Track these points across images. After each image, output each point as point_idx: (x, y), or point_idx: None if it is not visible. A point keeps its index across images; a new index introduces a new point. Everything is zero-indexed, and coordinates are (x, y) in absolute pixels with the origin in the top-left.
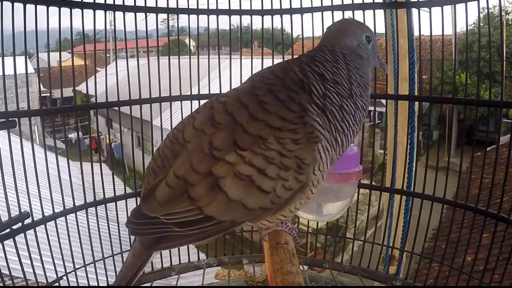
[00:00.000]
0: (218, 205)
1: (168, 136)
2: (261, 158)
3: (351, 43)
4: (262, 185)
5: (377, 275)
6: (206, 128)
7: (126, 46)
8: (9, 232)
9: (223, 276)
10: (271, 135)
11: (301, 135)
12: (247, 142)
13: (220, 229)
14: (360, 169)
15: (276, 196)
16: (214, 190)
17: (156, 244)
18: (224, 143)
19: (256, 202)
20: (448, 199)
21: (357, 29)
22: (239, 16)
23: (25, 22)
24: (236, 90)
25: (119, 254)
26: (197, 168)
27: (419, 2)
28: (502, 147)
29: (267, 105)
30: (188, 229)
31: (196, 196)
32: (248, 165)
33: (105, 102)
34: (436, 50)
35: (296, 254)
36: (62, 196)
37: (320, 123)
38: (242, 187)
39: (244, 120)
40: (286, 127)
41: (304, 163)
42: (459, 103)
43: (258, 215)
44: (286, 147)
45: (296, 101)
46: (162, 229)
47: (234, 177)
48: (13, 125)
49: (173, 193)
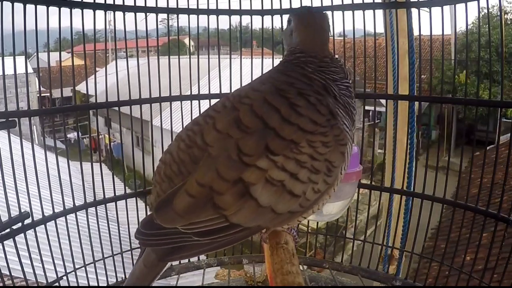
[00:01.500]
0: (247, 213)
1: (181, 138)
2: (294, 163)
3: (290, 40)
4: (294, 190)
5: (377, 275)
6: (232, 131)
7: (126, 46)
8: (9, 232)
9: (223, 276)
10: (303, 139)
11: (330, 138)
12: (280, 146)
13: (243, 236)
14: (360, 169)
15: (305, 199)
16: (244, 198)
17: (172, 254)
18: (254, 148)
19: (286, 206)
20: (448, 199)
21: (288, 23)
22: (239, 16)
23: (25, 22)
24: (257, 90)
25: (119, 254)
26: (225, 175)
27: (419, 2)
28: (502, 147)
29: (299, 108)
30: (210, 238)
31: (224, 205)
32: (280, 170)
33: (105, 102)
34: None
35: (296, 254)
36: (62, 196)
37: (347, 125)
38: (274, 193)
39: (276, 124)
40: (317, 130)
41: (333, 165)
42: (458, 103)
43: (285, 219)
44: (318, 150)
45: (324, 104)
46: (180, 239)
47: (265, 183)
48: (13, 125)
49: (195, 202)
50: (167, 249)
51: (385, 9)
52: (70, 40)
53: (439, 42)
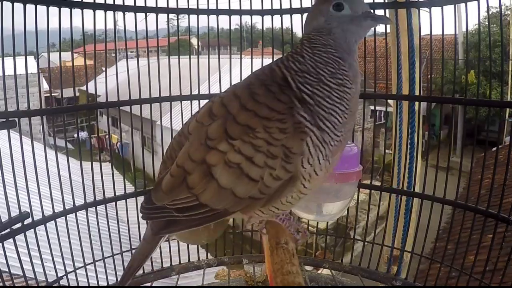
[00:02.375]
0: (211, 193)
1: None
2: (249, 146)
3: (318, 23)
4: (250, 173)
5: (377, 275)
6: (204, 120)
7: (126, 46)
8: (9, 232)
9: (223, 276)
10: (259, 125)
11: (288, 125)
12: (237, 131)
13: (214, 216)
14: (360, 169)
15: (264, 185)
16: (207, 178)
17: (162, 229)
18: (217, 133)
19: (245, 190)
20: (448, 199)
21: (322, 4)
22: (239, 16)
23: (25, 21)
24: (234, 85)
25: (119, 254)
26: (193, 156)
27: (419, 2)
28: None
29: (257, 96)
30: (186, 214)
31: (192, 184)
32: (237, 153)
33: (104, 102)
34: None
35: (296, 254)
36: (62, 196)
37: (308, 118)
38: (232, 175)
39: (235, 110)
40: (274, 117)
41: (291, 152)
42: (459, 103)
43: (248, 205)
44: (273, 136)
45: (286, 93)
46: (166, 214)
47: (224, 165)
48: (13, 125)
49: (174, 181)
50: (158, 224)
51: (385, 9)
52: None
53: (445, 42)
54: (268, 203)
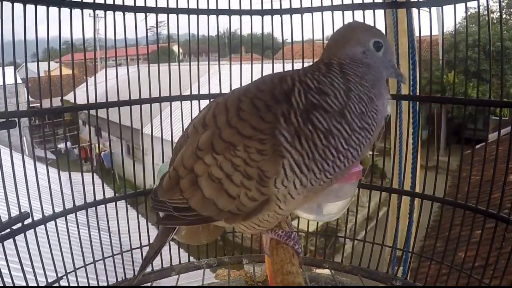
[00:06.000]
0: (197, 200)
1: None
2: (229, 164)
3: (353, 51)
4: (229, 190)
5: (377, 275)
6: (199, 127)
7: (126, 48)
8: (9, 232)
9: (223, 276)
10: (241, 143)
11: (267, 146)
12: (221, 146)
13: (204, 220)
14: (360, 169)
15: (241, 203)
16: (195, 186)
17: (163, 220)
18: (205, 144)
19: (224, 204)
20: (448, 199)
21: (362, 34)
22: (239, 16)
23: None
24: (233, 91)
25: (119, 254)
26: (185, 163)
27: (419, 2)
28: (492, 144)
29: (242, 112)
30: (181, 214)
31: (183, 188)
32: (219, 168)
33: (104, 102)
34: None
35: (296, 255)
36: (62, 196)
37: (288, 139)
38: (214, 188)
39: (222, 125)
40: (256, 136)
41: (266, 175)
42: (459, 103)
43: (229, 217)
44: (251, 156)
45: (272, 111)
46: (167, 209)
47: (207, 177)
48: (13, 125)
49: (171, 182)
50: (163, 216)
51: (385, 9)
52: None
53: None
54: (246, 219)
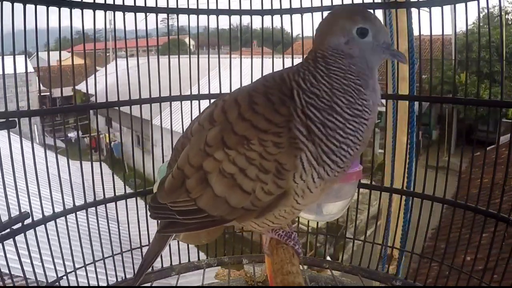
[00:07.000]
0: (207, 199)
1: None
2: (243, 158)
3: (336, 42)
4: (243, 185)
5: (377, 275)
6: (205, 124)
7: (126, 45)
8: (9, 232)
9: (223, 276)
10: (255, 136)
11: (283, 139)
12: (233, 141)
13: (212, 222)
14: (360, 169)
15: (256, 198)
16: (203, 184)
17: (165, 228)
18: (215, 140)
19: (237, 201)
20: (448, 199)
21: (345, 22)
22: (239, 16)
23: (25, 21)
24: (239, 89)
25: (119, 254)
26: (191, 161)
27: (419, 2)
28: (502, 147)
29: (256, 106)
30: (186, 217)
31: (190, 188)
32: (231, 163)
33: (104, 102)
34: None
35: (296, 255)
36: (62, 196)
37: (304, 133)
38: (226, 185)
39: (233, 119)
40: (270, 129)
41: (284, 168)
42: (459, 103)
43: (242, 215)
44: (267, 150)
45: (286, 105)
46: (169, 215)
47: (219, 174)
48: (13, 125)
49: (175, 183)
50: (162, 223)
51: (385, 9)
52: (70, 39)
53: (439, 42)
54: (261, 216)
